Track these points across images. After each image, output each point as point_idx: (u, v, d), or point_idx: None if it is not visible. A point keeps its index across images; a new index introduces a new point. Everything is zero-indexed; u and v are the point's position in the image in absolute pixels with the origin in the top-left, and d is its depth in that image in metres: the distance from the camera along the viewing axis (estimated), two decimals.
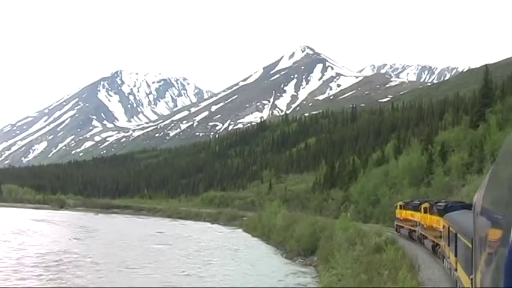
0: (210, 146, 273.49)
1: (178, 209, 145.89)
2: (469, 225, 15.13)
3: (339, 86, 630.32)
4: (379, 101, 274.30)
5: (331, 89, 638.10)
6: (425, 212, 45.04)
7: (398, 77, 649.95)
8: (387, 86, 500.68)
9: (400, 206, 60.19)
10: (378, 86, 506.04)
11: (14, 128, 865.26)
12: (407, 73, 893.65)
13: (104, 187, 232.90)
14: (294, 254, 58.09)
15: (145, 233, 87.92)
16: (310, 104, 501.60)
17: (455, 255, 25.22)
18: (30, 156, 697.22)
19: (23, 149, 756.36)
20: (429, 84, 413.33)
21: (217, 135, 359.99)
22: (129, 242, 70.53)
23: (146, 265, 51.47)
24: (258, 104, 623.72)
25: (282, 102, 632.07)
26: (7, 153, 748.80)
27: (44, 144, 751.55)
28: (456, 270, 24.99)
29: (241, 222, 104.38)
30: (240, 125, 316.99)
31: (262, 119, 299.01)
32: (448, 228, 29.05)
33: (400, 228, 60.22)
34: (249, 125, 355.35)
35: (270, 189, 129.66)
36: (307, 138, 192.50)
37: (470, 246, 15.37)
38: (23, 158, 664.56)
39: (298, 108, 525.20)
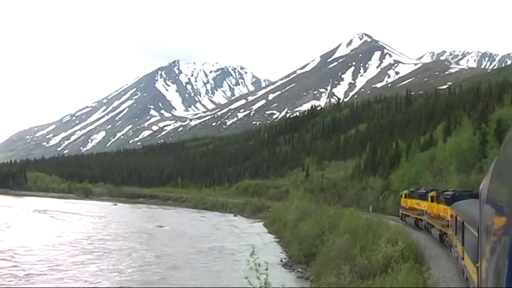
0: (260, 133, 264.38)
1: (204, 199, 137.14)
2: (476, 214, 14.51)
3: (397, 73, 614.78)
4: (438, 88, 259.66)
5: (389, 76, 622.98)
6: (432, 200, 44.54)
7: (458, 64, 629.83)
8: (446, 73, 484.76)
9: (406, 194, 60.49)
10: (437, 73, 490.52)
11: (73, 118, 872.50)
12: (467, 60, 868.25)
13: (147, 176, 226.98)
14: (294, 261, 47.49)
15: (135, 227, 79.50)
16: (368, 92, 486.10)
17: (462, 244, 25.49)
18: (89, 145, 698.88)
19: (81, 138, 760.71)
20: (489, 70, 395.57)
21: (266, 123, 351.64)
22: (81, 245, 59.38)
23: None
24: (315, 92, 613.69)
25: (340, 90, 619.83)
26: (66, 142, 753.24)
27: (103, 133, 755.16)
28: (463, 259, 25.32)
29: (266, 214, 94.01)
30: (297, 114, 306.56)
31: (320, 108, 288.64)
32: (456, 217, 29.22)
33: (405, 217, 60.37)
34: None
35: (307, 177, 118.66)
36: (359, 124, 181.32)
37: (477, 235, 14.79)
38: (81, 148, 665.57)
39: (356, 96, 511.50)
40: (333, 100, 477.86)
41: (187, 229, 79.18)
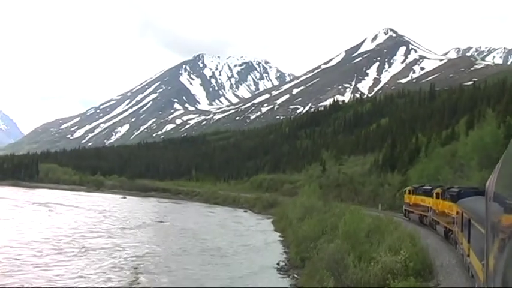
0: (281, 127, 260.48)
1: (216, 194, 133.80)
2: (483, 211, 15.05)
3: (422, 69, 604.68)
4: (464, 84, 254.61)
5: (414, 72, 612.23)
6: (437, 197, 44.18)
7: (483, 60, 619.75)
8: (472, 69, 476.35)
9: (410, 190, 60.70)
10: (462, 69, 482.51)
11: (98, 110, 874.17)
12: (493, 56, 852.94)
13: (165, 169, 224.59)
14: (292, 264, 43.30)
15: (132, 223, 76.45)
16: (392, 87, 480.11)
17: (468, 242, 25.34)
18: (113, 138, 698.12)
19: (105, 131, 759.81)
20: None
21: (290, 117, 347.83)
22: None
23: None
24: (340, 87, 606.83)
25: (364, 86, 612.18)
26: (90, 135, 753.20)
27: (126, 126, 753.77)
28: (469, 256, 25.14)
29: (276, 211, 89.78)
30: (321, 109, 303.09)
31: (342, 102, 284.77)
32: (462, 214, 29.09)
33: (409, 213, 60.45)
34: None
35: (324, 172, 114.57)
36: (381, 118, 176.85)
37: (484, 232, 15.23)
38: (105, 140, 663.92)
39: (380, 91, 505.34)
40: (357, 95, 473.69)
41: (189, 226, 75.85)
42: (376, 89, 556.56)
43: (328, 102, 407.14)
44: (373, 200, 78.27)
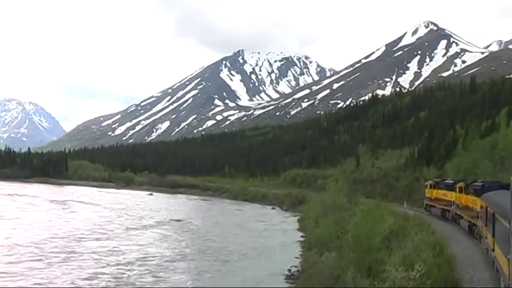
0: (319, 122, 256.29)
1: (245, 190, 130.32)
2: (507, 205, 16.31)
3: (464, 62, 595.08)
4: (506, 77, 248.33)
5: (455, 65, 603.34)
6: (460, 191, 43.75)
7: None
8: None
9: (431, 185, 59.82)
10: (504, 62, 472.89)
11: (139, 107, 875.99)
12: None
13: (201, 165, 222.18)
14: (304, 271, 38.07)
15: (147, 221, 73.42)
16: (434, 81, 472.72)
17: (493, 236, 24.65)
18: (153, 135, 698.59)
19: (146, 128, 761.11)
20: None
21: (328, 112, 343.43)
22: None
23: None
24: (380, 81, 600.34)
25: (405, 80, 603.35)
26: (131, 132, 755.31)
27: (167, 123, 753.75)
28: (493, 250, 24.58)
29: (304, 208, 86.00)
30: (360, 103, 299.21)
31: (381, 96, 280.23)
32: (486, 208, 28.41)
33: (430, 207, 59.88)
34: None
35: (357, 167, 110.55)
36: (420, 111, 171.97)
37: (508, 226, 16.83)
38: (146, 137, 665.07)
39: (421, 85, 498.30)
40: (398, 90, 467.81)
41: (206, 224, 72.56)
42: (417, 83, 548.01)
43: (368, 96, 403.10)
44: (408, 196, 74.39)
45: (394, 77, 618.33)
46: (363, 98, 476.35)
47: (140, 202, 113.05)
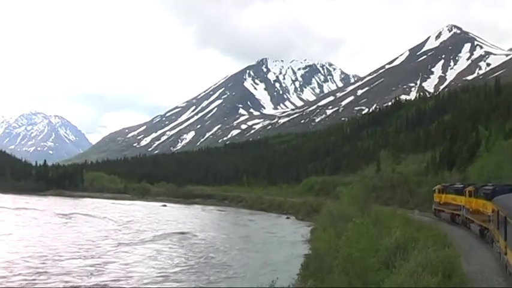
0: (342, 128, 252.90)
1: (261, 199, 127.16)
2: None
3: (488, 65, 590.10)
4: None
5: (480, 68, 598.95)
6: (470, 195, 43.46)
7: None
8: None
9: (439, 189, 59.96)
10: None
11: (163, 118, 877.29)
12: None
13: (223, 174, 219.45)
14: None
15: (148, 235, 70.35)
16: (458, 85, 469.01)
17: (505, 239, 24.36)
18: (179, 145, 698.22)
19: (171, 138, 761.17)
20: None
21: (351, 118, 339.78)
22: None
23: None
24: (405, 86, 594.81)
25: (430, 84, 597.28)
26: (157, 143, 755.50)
27: (192, 133, 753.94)
28: (506, 254, 24.24)
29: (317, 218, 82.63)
30: (381, 107, 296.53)
31: (404, 100, 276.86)
32: (497, 212, 28.10)
33: (439, 212, 59.63)
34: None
35: (378, 172, 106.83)
36: (444, 115, 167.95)
37: None
38: (171, 148, 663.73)
39: (446, 89, 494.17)
40: (422, 94, 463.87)
41: (211, 238, 69.40)
42: (442, 87, 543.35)
43: (392, 101, 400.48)
44: (430, 202, 70.89)
45: (418, 82, 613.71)
46: (387, 104, 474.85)
47: (150, 214, 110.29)
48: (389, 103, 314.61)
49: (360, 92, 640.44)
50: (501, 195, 30.50)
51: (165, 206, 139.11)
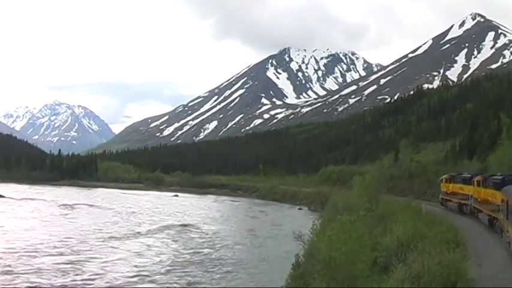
0: (364, 117, 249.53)
1: (274, 189, 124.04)
2: None
3: None
4: None
5: (504, 57, 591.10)
6: (478, 185, 43.05)
7: None
8: None
9: (447, 179, 59.89)
10: None
11: (186, 108, 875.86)
12: None
13: (242, 163, 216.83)
14: None
15: (148, 226, 67.38)
16: (482, 74, 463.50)
17: None
18: (201, 135, 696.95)
19: (194, 128, 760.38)
20: None
21: (370, 107, 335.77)
22: None
23: None
24: (428, 75, 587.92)
25: (453, 73, 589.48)
26: (179, 132, 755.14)
27: (215, 123, 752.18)
28: None
29: None
30: (403, 96, 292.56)
31: (426, 88, 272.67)
32: (507, 201, 28.03)
33: (446, 201, 59.17)
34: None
35: (395, 162, 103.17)
36: (467, 103, 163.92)
37: None
38: (194, 137, 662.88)
39: (470, 78, 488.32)
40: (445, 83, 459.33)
41: (212, 230, 66.50)
42: (465, 76, 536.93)
43: (414, 90, 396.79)
44: None
45: (441, 71, 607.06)
46: (410, 93, 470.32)
47: (158, 205, 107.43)
48: (412, 92, 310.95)
49: (382, 81, 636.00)
50: (511, 185, 30.27)
51: (176, 196, 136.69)
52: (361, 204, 40.46)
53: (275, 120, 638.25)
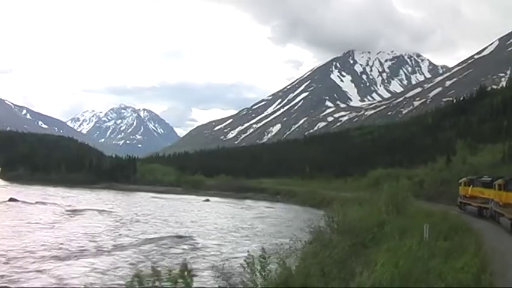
0: (425, 118, 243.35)
1: (314, 194, 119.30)
2: None
3: None
4: None
5: None
6: (499, 189, 43.34)
7: None
8: None
9: (465, 182, 60.95)
10: None
11: (250, 111, 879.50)
12: None
13: (295, 166, 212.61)
14: None
15: (144, 238, 60.14)
16: None
17: None
18: (265, 138, 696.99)
19: (258, 131, 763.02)
20: None
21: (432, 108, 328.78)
22: None
23: None
24: (494, 77, 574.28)
25: None
26: (243, 136, 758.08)
27: (278, 126, 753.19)
28: None
29: None
30: (464, 96, 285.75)
31: (489, 88, 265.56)
32: None
33: (465, 205, 59.66)
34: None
35: (448, 165, 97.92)
36: None
37: None
38: (257, 141, 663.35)
39: None
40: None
41: (210, 247, 55.77)
42: None
43: (476, 90, 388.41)
44: None
45: (508, 72, 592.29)
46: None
47: (177, 211, 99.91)
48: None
49: (448, 83, 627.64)
50: None
51: (207, 201, 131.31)
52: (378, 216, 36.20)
53: (339, 123, 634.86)
